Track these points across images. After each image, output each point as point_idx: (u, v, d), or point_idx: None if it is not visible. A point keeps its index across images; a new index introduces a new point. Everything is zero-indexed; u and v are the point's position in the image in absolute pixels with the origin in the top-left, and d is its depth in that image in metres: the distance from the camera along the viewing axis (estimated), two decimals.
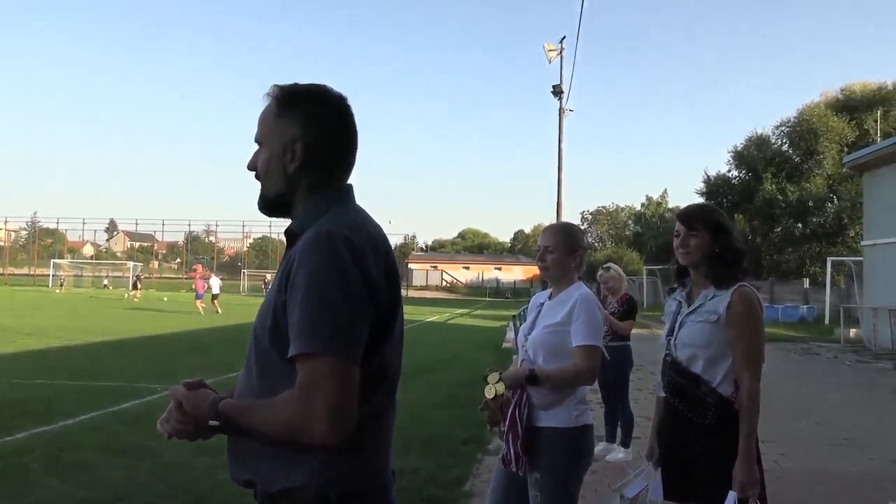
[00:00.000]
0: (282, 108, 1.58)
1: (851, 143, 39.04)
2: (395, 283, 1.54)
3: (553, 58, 23.21)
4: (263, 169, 1.60)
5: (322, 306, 1.37)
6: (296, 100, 1.59)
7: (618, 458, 6.21)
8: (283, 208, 1.63)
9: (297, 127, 1.56)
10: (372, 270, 1.45)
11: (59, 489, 4.90)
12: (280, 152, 1.57)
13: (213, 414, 1.44)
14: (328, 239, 1.42)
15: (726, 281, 2.70)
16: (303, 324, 1.38)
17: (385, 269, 1.50)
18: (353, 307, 1.40)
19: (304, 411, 1.36)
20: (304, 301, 1.38)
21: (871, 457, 6.69)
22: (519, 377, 2.94)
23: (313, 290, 1.38)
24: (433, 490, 5.05)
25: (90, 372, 10.49)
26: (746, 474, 2.51)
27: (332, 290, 1.38)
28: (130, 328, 19.13)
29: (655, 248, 55.28)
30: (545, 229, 3.23)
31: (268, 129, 1.60)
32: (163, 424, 1.50)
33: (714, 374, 2.66)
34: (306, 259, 1.41)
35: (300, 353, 1.37)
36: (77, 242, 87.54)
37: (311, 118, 1.58)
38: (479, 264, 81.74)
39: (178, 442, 1.54)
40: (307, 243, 1.44)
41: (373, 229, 1.54)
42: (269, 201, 1.62)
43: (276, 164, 1.58)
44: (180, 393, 1.49)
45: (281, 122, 1.58)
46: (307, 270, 1.40)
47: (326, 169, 1.60)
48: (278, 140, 1.58)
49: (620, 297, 6.46)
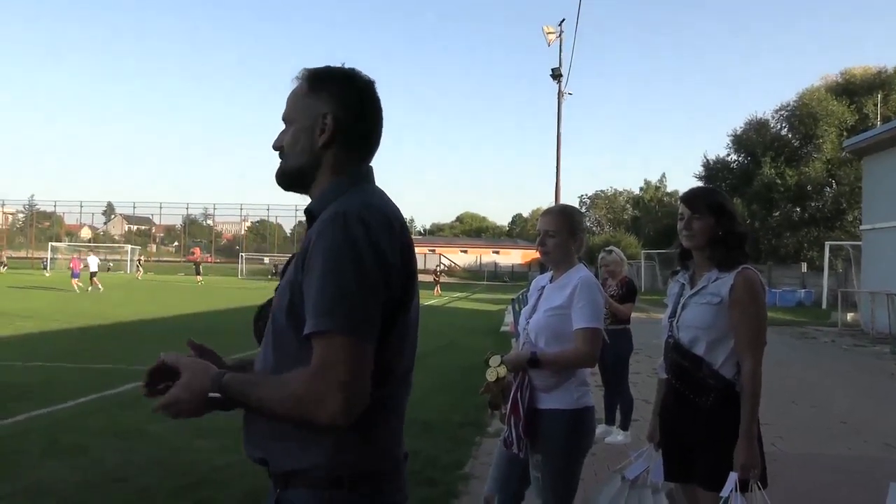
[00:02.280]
0: (312, 86, 1.60)
1: (851, 128, 39.00)
2: (412, 266, 1.53)
3: (552, 41, 23.11)
4: (291, 142, 1.61)
5: (338, 285, 1.37)
6: (326, 79, 1.61)
7: (617, 440, 6.23)
8: (302, 182, 1.63)
9: (328, 103, 1.58)
10: (388, 252, 1.44)
11: (57, 471, 4.90)
12: (309, 126, 1.59)
13: (215, 386, 1.43)
14: (344, 219, 1.42)
15: (729, 263, 2.69)
16: (319, 302, 1.37)
17: (401, 250, 1.49)
18: (368, 288, 1.39)
19: (317, 389, 1.35)
20: (320, 280, 1.38)
21: (867, 440, 6.72)
22: (521, 360, 2.93)
23: (329, 269, 1.38)
24: (433, 472, 5.07)
25: (88, 355, 10.50)
26: (747, 456, 2.51)
27: (347, 269, 1.38)
28: (127, 311, 19.14)
29: (653, 233, 55.41)
30: (545, 213, 3.20)
31: (297, 106, 1.62)
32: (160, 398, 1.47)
33: (716, 357, 2.65)
34: (322, 239, 1.41)
35: (315, 331, 1.36)
36: (74, 225, 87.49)
37: (341, 96, 1.59)
38: (478, 248, 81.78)
39: (176, 425, 1.53)
40: (323, 223, 1.44)
41: (390, 211, 1.53)
42: (291, 172, 1.63)
43: (305, 137, 1.59)
44: (181, 361, 1.48)
45: (311, 99, 1.59)
46: (323, 250, 1.40)
47: (352, 147, 1.61)
48: (308, 115, 1.59)
49: (620, 280, 6.46)
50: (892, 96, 40.07)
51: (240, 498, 4.44)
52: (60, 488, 4.55)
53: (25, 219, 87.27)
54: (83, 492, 4.51)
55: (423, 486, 4.69)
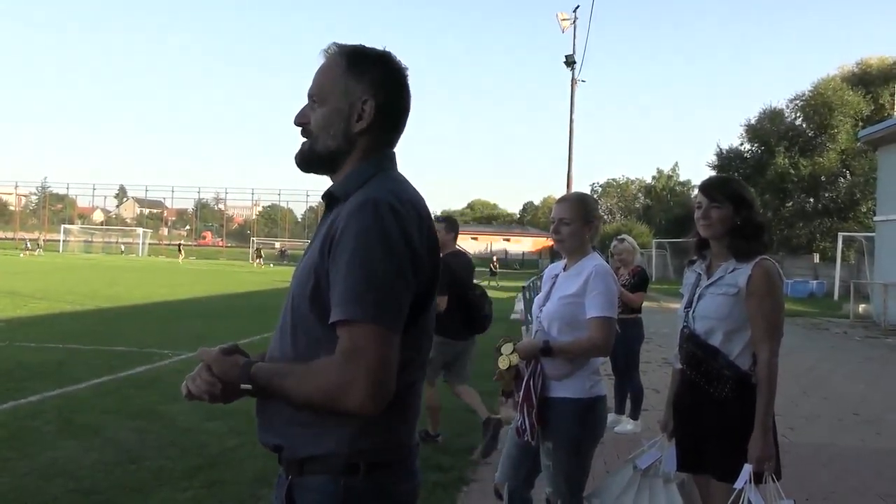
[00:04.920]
0: (352, 66, 1.55)
1: (866, 118, 38.56)
2: (436, 257, 1.52)
3: (566, 27, 22.97)
4: (323, 123, 1.55)
5: (367, 274, 1.36)
6: (367, 60, 1.56)
7: (626, 429, 6.23)
8: (328, 165, 1.59)
9: (369, 87, 1.54)
10: (416, 241, 1.43)
11: (71, 451, 4.95)
12: (346, 108, 1.54)
13: (245, 378, 1.44)
14: (374, 206, 1.40)
15: (747, 254, 2.66)
16: (347, 290, 1.36)
17: (427, 242, 1.48)
18: (397, 277, 1.38)
19: (344, 378, 1.34)
20: (349, 268, 1.36)
21: (879, 431, 6.69)
22: (533, 348, 2.92)
23: (359, 257, 1.36)
24: (442, 458, 5.09)
25: (101, 337, 10.57)
26: (762, 448, 2.49)
27: (378, 258, 1.36)
28: (140, 294, 19.25)
29: (665, 222, 55.14)
30: (559, 200, 3.18)
31: (332, 85, 1.55)
32: (188, 383, 1.49)
33: (732, 348, 2.63)
34: (352, 225, 1.39)
35: (344, 318, 1.35)
36: (87, 208, 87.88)
37: (382, 80, 1.55)
38: (488, 235, 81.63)
39: (189, 406, 1.54)
40: (353, 209, 1.41)
41: (416, 200, 1.51)
42: (318, 155, 1.57)
43: (340, 120, 1.54)
44: (211, 355, 1.48)
45: (350, 80, 1.54)
46: (352, 237, 1.38)
47: (386, 133, 1.59)
48: (345, 97, 1.54)
49: (632, 269, 6.43)
50: None
51: (251, 479, 4.47)
52: (74, 468, 4.59)
53: (38, 201, 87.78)
54: (97, 471, 4.55)
55: (434, 472, 4.71)
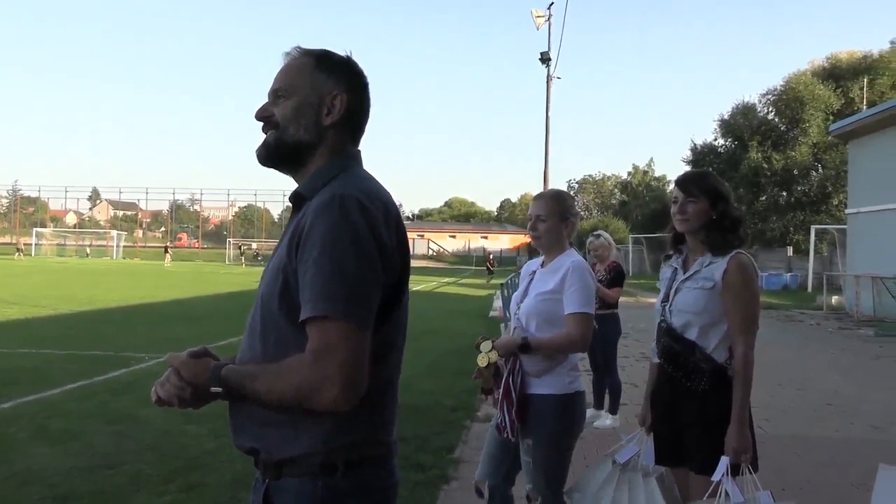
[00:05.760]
0: (321, 65, 1.58)
1: (837, 112, 39.11)
2: (406, 252, 1.52)
3: (541, 24, 23.02)
4: (292, 115, 1.55)
5: (336, 270, 1.35)
6: (334, 62, 1.60)
7: (605, 424, 6.27)
8: (293, 159, 1.58)
9: (339, 84, 1.57)
10: (384, 237, 1.43)
11: (47, 457, 4.88)
12: (316, 102, 1.56)
13: (215, 381, 1.43)
14: (342, 202, 1.39)
15: (723, 248, 2.69)
16: (316, 287, 1.35)
17: (396, 237, 1.48)
18: (366, 273, 1.38)
19: (315, 376, 1.34)
20: (318, 265, 1.36)
21: (852, 421, 6.80)
22: (512, 345, 2.93)
23: (327, 254, 1.36)
24: (422, 457, 5.08)
25: (77, 341, 10.42)
26: (739, 440, 2.52)
27: (346, 254, 1.36)
28: (116, 297, 19.02)
29: (641, 217, 55.54)
30: (536, 197, 3.19)
31: (301, 80, 1.57)
32: (157, 388, 1.47)
33: (709, 341, 2.66)
34: (319, 222, 1.38)
35: (314, 315, 1.35)
36: (59, 211, 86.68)
37: (350, 81, 1.59)
38: (466, 233, 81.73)
39: (167, 410, 1.52)
40: (320, 207, 1.41)
41: (386, 197, 1.51)
42: (286, 145, 1.56)
43: (311, 112, 1.56)
44: (179, 359, 1.47)
45: (319, 76, 1.57)
46: (321, 234, 1.37)
47: (353, 131, 1.61)
48: (314, 91, 1.56)
49: (608, 264, 6.48)
50: (878, 81, 40.16)
51: (230, 482, 4.44)
52: (50, 475, 4.52)
53: (9, 204, 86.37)
54: (73, 478, 4.49)
55: (414, 471, 4.70)
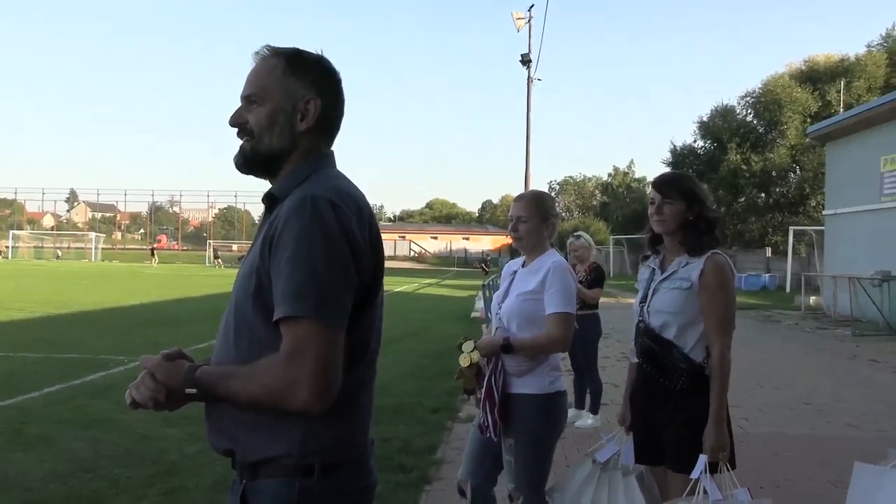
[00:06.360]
0: (292, 68, 1.55)
1: (814, 114, 39.55)
2: (379, 251, 1.52)
3: (521, 26, 23.12)
4: (265, 122, 1.54)
5: (309, 271, 1.35)
6: (307, 63, 1.57)
7: (587, 424, 6.30)
8: (270, 166, 1.57)
9: (311, 88, 1.55)
10: (357, 237, 1.43)
11: (22, 463, 4.81)
12: (289, 108, 1.54)
13: (189, 382, 1.42)
14: (314, 203, 1.39)
15: (700, 248, 2.71)
16: (289, 288, 1.35)
17: (369, 236, 1.48)
18: (339, 273, 1.38)
19: (289, 376, 1.33)
20: (291, 265, 1.35)
21: (829, 420, 6.88)
22: (494, 345, 2.94)
23: (300, 254, 1.36)
24: (404, 458, 5.07)
25: (53, 344, 10.28)
26: (717, 438, 2.55)
27: (318, 255, 1.36)
28: (93, 300, 18.81)
29: (622, 218, 55.78)
30: (517, 198, 3.21)
31: (272, 85, 1.55)
32: (132, 391, 1.45)
33: (686, 341, 2.68)
34: (292, 223, 1.38)
35: (286, 315, 1.34)
36: (36, 213, 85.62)
37: (323, 83, 1.57)
38: (448, 234, 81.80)
39: (146, 414, 1.50)
40: (292, 208, 1.40)
41: (359, 196, 1.51)
42: (262, 155, 1.55)
43: (283, 120, 1.54)
44: (154, 362, 1.46)
45: (291, 80, 1.54)
46: (293, 235, 1.37)
47: (324, 134, 1.60)
48: (287, 97, 1.54)
49: (588, 265, 6.51)
50: (854, 84, 40.67)
51: (210, 485, 4.40)
52: (27, 480, 4.46)
53: None
54: (50, 483, 4.43)
55: (396, 472, 4.70)
